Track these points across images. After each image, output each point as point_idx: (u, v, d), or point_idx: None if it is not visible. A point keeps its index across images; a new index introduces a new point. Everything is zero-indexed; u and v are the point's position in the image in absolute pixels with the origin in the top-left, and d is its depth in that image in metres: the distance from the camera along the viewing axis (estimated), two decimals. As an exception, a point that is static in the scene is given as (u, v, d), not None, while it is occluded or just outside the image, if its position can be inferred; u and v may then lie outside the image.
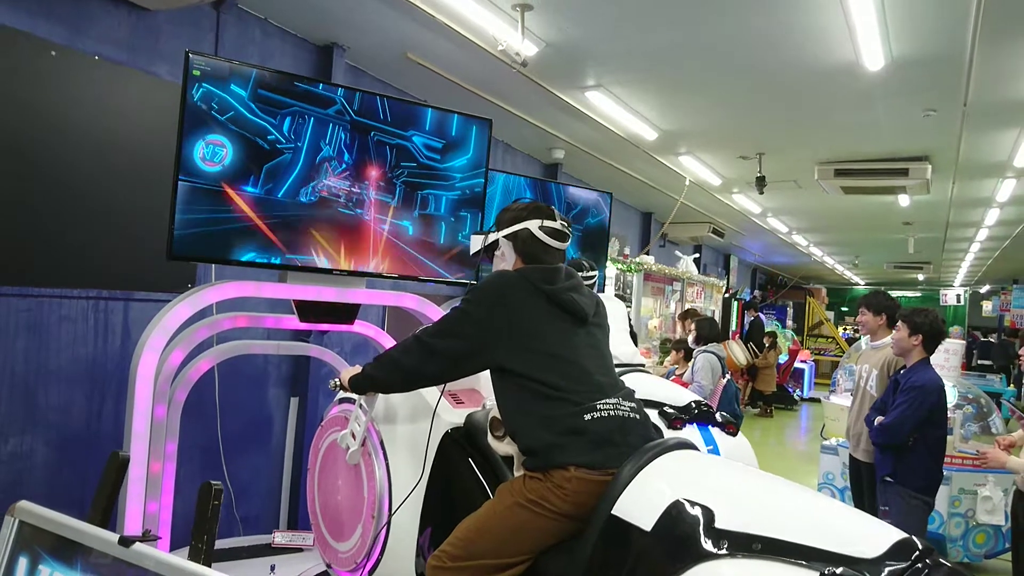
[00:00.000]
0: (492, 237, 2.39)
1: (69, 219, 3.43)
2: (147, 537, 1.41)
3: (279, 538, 3.82)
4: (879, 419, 4.03)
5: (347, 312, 3.38)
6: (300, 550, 3.75)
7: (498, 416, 2.33)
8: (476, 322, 2.21)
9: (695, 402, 3.47)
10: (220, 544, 3.76)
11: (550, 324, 2.21)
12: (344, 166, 3.19)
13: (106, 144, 3.54)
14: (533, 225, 2.32)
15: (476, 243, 2.45)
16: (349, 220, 3.23)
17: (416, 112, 3.40)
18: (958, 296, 21.94)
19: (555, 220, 2.35)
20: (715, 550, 1.61)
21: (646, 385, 3.53)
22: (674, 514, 1.73)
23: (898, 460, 3.94)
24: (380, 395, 2.66)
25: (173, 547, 3.31)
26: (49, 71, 3.32)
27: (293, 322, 3.34)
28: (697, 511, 1.70)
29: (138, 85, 3.68)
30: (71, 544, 1.53)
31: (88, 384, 3.56)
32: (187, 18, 3.92)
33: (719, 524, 1.65)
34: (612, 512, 1.87)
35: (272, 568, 3.51)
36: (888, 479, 3.97)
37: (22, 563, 1.56)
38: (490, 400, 2.68)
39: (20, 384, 3.30)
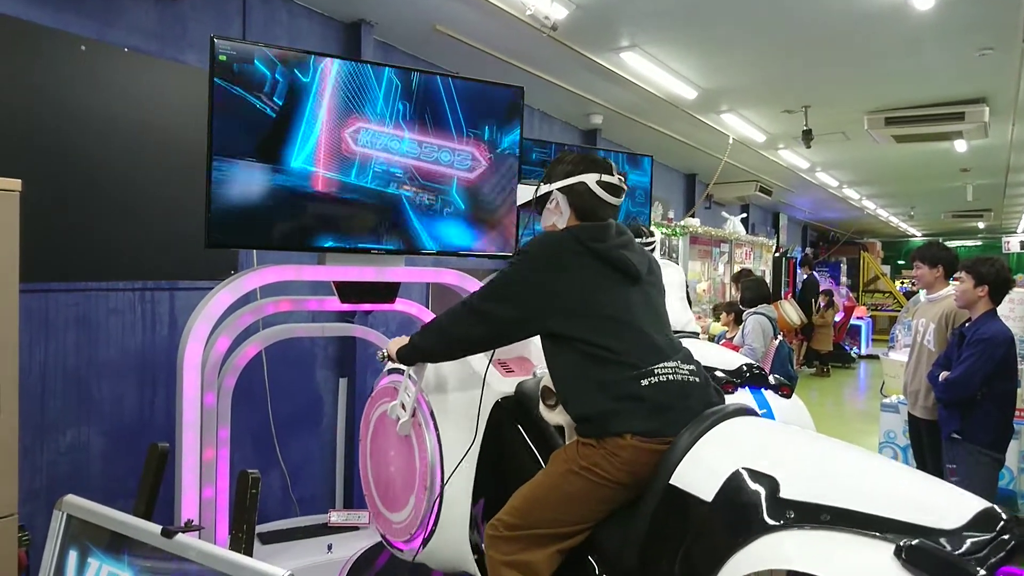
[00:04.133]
0: (545, 189, 2.26)
1: (111, 212, 3.46)
2: (189, 527, 1.40)
3: (335, 517, 3.85)
4: (944, 374, 3.87)
5: (387, 291, 3.36)
6: (356, 528, 3.78)
7: (549, 385, 2.25)
8: (524, 285, 2.12)
9: (746, 365, 3.39)
10: (277, 525, 3.81)
11: (602, 284, 2.10)
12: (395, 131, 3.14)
13: (141, 135, 3.56)
14: (590, 179, 2.20)
15: (525, 194, 2.33)
16: (386, 194, 3.20)
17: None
18: (1022, 243, 21.11)
19: (612, 174, 2.23)
20: (780, 521, 1.53)
21: (698, 350, 3.45)
22: (736, 483, 1.65)
23: (965, 416, 3.79)
24: (429, 365, 2.61)
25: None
26: (81, 66, 3.34)
27: (335, 303, 3.33)
28: (761, 480, 1.62)
29: (169, 74, 3.68)
30: (118, 536, 1.53)
31: (139, 375, 3.62)
32: (213, 4, 3.90)
33: (784, 494, 1.57)
34: (670, 482, 1.81)
35: (329, 547, 3.54)
36: (955, 436, 3.83)
37: (72, 556, 1.57)
38: (540, 368, 2.62)
39: (73, 378, 3.37)
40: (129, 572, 1.51)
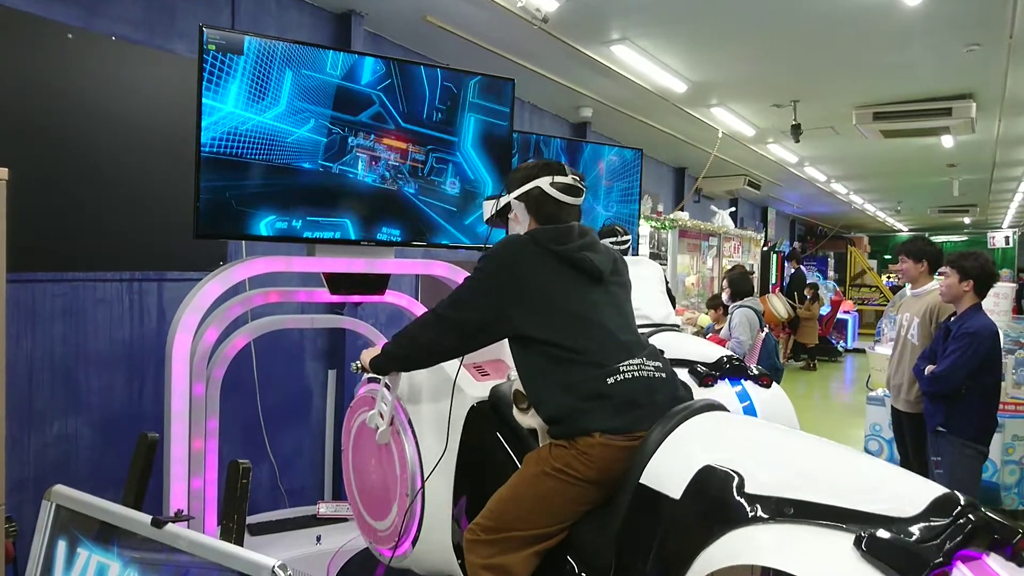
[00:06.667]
0: (503, 200, 2.30)
1: (99, 202, 3.44)
2: (179, 518, 1.40)
3: (324, 509, 3.85)
4: (930, 368, 3.91)
5: (377, 283, 3.36)
6: (345, 520, 3.78)
7: (520, 389, 2.27)
8: (487, 291, 2.15)
9: (726, 357, 3.40)
10: (266, 517, 3.81)
11: (565, 285, 2.13)
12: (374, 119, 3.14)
13: (130, 125, 3.53)
14: (544, 182, 2.22)
15: (488, 208, 2.38)
16: (374, 186, 3.19)
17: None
18: (1007, 238, 21.28)
19: (566, 175, 2.25)
20: (746, 516, 1.56)
21: (676, 344, 3.47)
22: (703, 481, 1.68)
23: (950, 410, 3.82)
24: (404, 373, 2.64)
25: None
26: (67, 54, 3.31)
27: (325, 295, 3.32)
28: (726, 476, 1.64)
29: (158, 64, 3.65)
30: (108, 527, 1.53)
31: (127, 365, 3.60)
32: (202, -7, 3.88)
33: (750, 489, 1.59)
34: (640, 481, 1.83)
35: (318, 538, 3.54)
36: (940, 429, 3.86)
37: (61, 546, 1.57)
38: (515, 371, 2.64)
39: (60, 368, 3.35)
40: (118, 562, 1.51)
